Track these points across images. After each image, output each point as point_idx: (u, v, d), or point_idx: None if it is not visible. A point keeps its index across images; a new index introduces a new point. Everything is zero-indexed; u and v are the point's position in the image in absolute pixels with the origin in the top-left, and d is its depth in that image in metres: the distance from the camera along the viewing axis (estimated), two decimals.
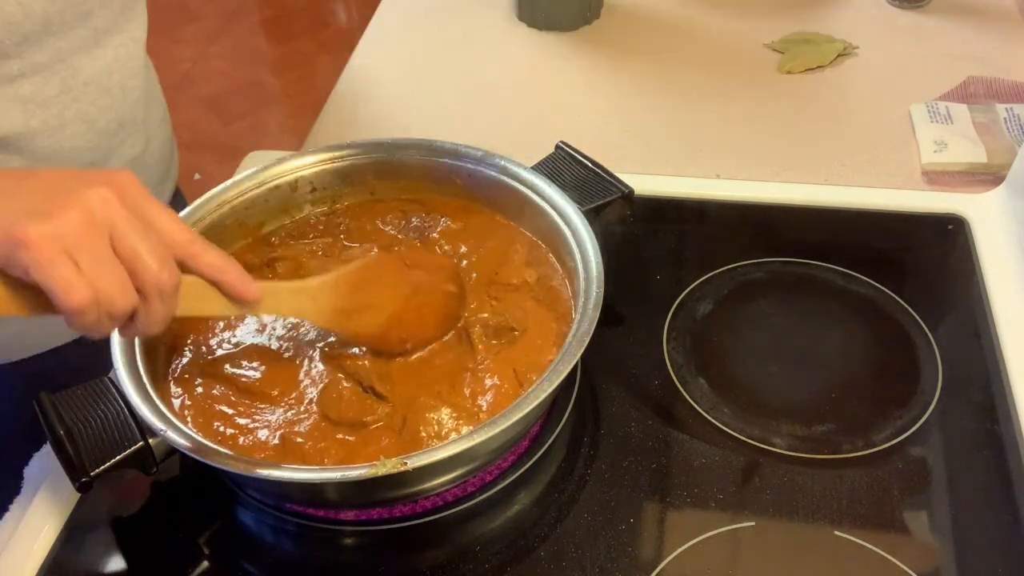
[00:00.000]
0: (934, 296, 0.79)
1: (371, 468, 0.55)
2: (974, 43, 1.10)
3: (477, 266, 0.74)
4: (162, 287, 0.51)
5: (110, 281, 0.49)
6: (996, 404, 0.70)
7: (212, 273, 0.55)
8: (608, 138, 1.00)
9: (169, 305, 0.52)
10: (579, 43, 1.15)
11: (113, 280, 0.49)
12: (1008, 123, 0.95)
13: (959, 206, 0.86)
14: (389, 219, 0.78)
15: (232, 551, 0.65)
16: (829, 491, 0.65)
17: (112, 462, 0.59)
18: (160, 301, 0.51)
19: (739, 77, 1.07)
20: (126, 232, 0.49)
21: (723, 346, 0.76)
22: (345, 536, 0.66)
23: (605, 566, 0.61)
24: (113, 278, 0.49)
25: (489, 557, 0.63)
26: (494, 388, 0.65)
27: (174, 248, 0.52)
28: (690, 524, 0.64)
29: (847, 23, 1.14)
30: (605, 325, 0.63)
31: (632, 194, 0.77)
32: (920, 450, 0.68)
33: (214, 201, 0.74)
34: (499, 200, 0.77)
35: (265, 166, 0.77)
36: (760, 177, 0.93)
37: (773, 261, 0.83)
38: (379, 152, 0.78)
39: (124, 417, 0.61)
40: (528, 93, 1.08)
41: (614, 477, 0.67)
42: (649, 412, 0.71)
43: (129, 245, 0.49)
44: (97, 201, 0.49)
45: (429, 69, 1.13)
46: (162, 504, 0.68)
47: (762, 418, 0.70)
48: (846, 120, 1.00)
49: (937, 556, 0.62)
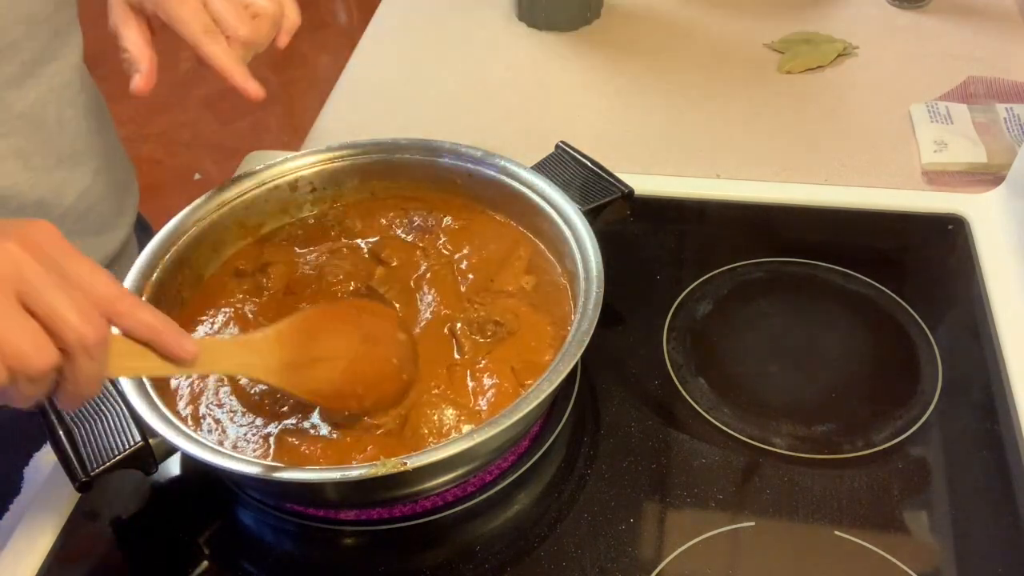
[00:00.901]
0: (934, 296, 0.79)
1: (371, 468, 0.55)
2: (974, 43, 1.10)
3: (475, 269, 0.74)
4: (85, 341, 0.46)
5: (17, 338, 0.44)
6: (996, 404, 0.70)
7: (143, 333, 0.50)
8: (608, 138, 1.00)
9: (99, 362, 0.47)
10: (579, 43, 1.15)
11: (21, 337, 0.44)
12: (1008, 123, 0.95)
13: (959, 206, 0.86)
14: (391, 217, 0.78)
15: (232, 551, 0.65)
16: (829, 491, 0.65)
17: (112, 462, 0.59)
18: (88, 358, 0.47)
19: (739, 77, 1.07)
20: (38, 287, 0.45)
21: (723, 346, 0.76)
22: (345, 536, 0.66)
23: (605, 566, 0.61)
24: (21, 334, 0.44)
25: (489, 557, 0.63)
26: (493, 387, 0.65)
27: (99, 305, 0.48)
28: (690, 524, 0.64)
29: (847, 23, 1.14)
30: (605, 325, 0.63)
31: (632, 194, 0.77)
32: (920, 450, 0.68)
33: (214, 201, 0.74)
34: (499, 200, 0.77)
35: (265, 166, 0.77)
36: (760, 177, 0.93)
37: (773, 261, 0.83)
38: (379, 152, 0.79)
39: (124, 417, 0.61)
40: (528, 93, 1.08)
41: (614, 477, 0.67)
42: (649, 412, 0.71)
43: (43, 300, 0.45)
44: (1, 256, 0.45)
45: (429, 69, 1.13)
46: (162, 504, 0.68)
47: (762, 418, 0.70)
48: (846, 120, 1.00)
49: (937, 556, 0.62)
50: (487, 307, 0.70)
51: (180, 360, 0.52)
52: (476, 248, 0.75)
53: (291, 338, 0.61)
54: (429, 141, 0.78)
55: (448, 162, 0.77)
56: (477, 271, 0.73)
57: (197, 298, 0.73)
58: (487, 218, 0.77)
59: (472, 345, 0.68)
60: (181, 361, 0.52)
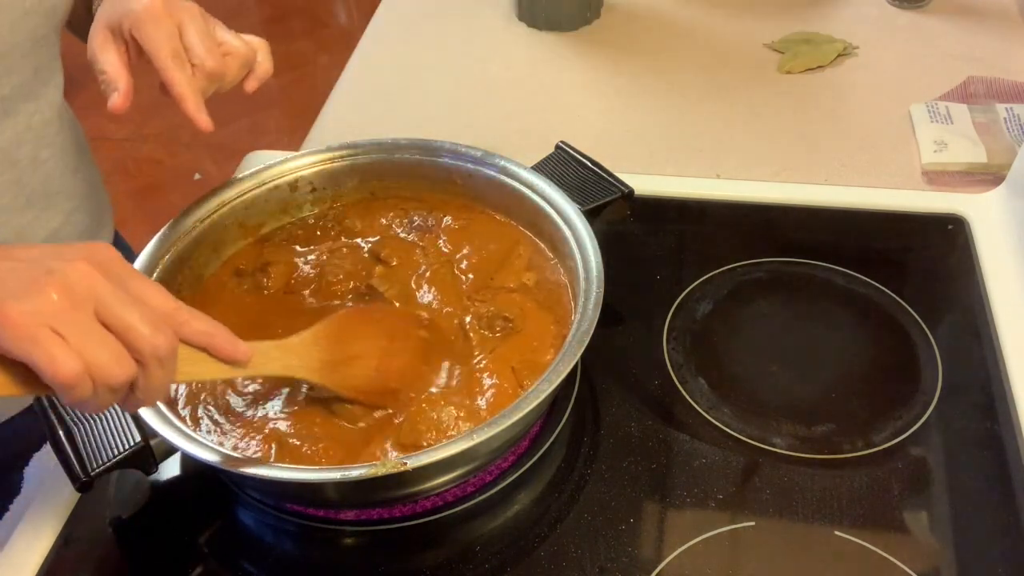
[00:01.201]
0: (934, 296, 0.79)
1: (371, 468, 0.55)
2: (974, 43, 1.10)
3: (476, 268, 0.74)
4: (159, 352, 0.49)
5: (101, 352, 0.47)
6: (996, 404, 0.70)
7: (200, 339, 0.54)
8: (608, 138, 1.00)
9: (168, 370, 0.51)
10: (579, 43, 1.15)
11: (104, 351, 0.48)
12: (1008, 123, 0.95)
13: (959, 206, 0.86)
14: (391, 217, 0.78)
15: (232, 551, 0.65)
16: (829, 491, 0.65)
17: (112, 462, 0.59)
18: (159, 366, 0.50)
19: (739, 77, 1.07)
20: (112, 303, 0.48)
21: (723, 346, 0.76)
22: (345, 536, 0.66)
23: (605, 566, 0.61)
24: (104, 349, 0.48)
25: (489, 557, 0.63)
26: (493, 387, 0.65)
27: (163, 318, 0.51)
28: (690, 524, 0.64)
29: (847, 23, 1.14)
30: (605, 325, 0.63)
31: (632, 194, 0.77)
32: (920, 450, 0.68)
33: (214, 201, 0.74)
34: (499, 200, 0.77)
35: (265, 166, 0.77)
36: (760, 177, 0.93)
37: (773, 261, 0.83)
38: (379, 152, 0.79)
39: (124, 417, 0.61)
40: (528, 93, 1.08)
41: (614, 477, 0.67)
42: (649, 412, 0.71)
43: (118, 315, 0.48)
44: (76, 276, 0.48)
45: (429, 69, 1.13)
46: (162, 504, 0.68)
47: (762, 418, 0.70)
48: (846, 120, 1.00)
49: (937, 556, 0.62)
50: (492, 303, 0.70)
51: (235, 362, 0.55)
52: (476, 248, 0.75)
53: (326, 340, 0.64)
54: (429, 141, 0.78)
55: (448, 162, 0.77)
56: (477, 270, 0.73)
57: (197, 298, 0.73)
58: (487, 218, 0.77)
59: (480, 340, 0.68)
60: (236, 363, 0.56)
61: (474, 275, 0.73)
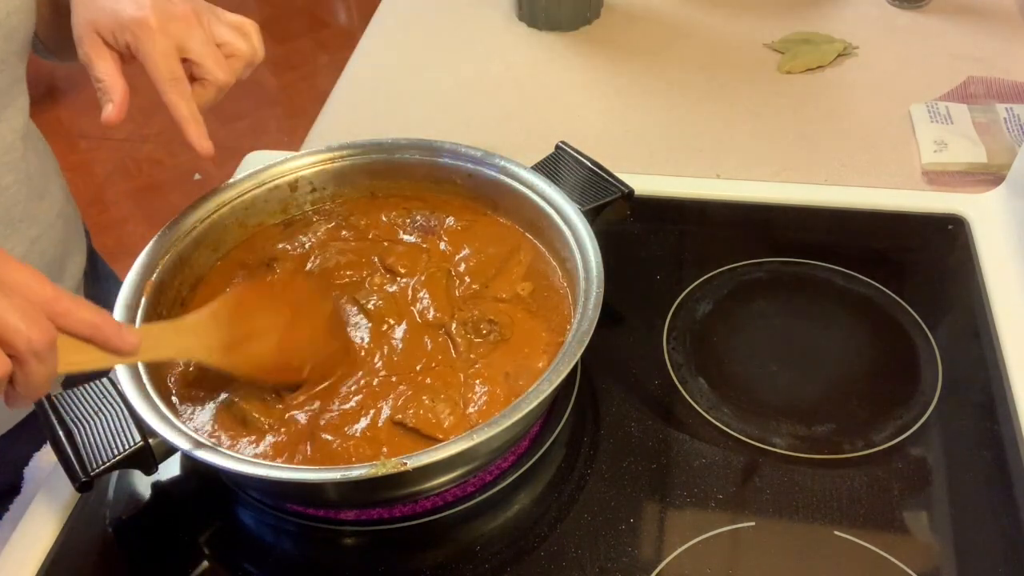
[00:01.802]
0: (934, 296, 0.79)
1: (371, 468, 0.55)
2: (974, 43, 1.10)
3: (472, 272, 0.73)
4: (35, 346, 0.47)
5: None
6: (996, 404, 0.70)
7: (84, 330, 0.51)
8: (608, 138, 1.00)
9: (49, 364, 0.49)
10: (579, 43, 1.15)
11: None
12: (1008, 123, 0.95)
13: (959, 206, 0.86)
14: (392, 216, 0.78)
15: (232, 551, 0.65)
16: (829, 491, 0.65)
17: (112, 462, 0.59)
18: (37, 361, 0.48)
19: (739, 77, 1.07)
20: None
21: (723, 346, 0.76)
22: (345, 536, 0.66)
23: (605, 566, 0.61)
24: None
25: (489, 557, 0.63)
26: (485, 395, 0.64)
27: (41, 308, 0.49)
28: (690, 524, 0.64)
29: (847, 23, 1.14)
30: (605, 325, 0.63)
31: (632, 194, 0.77)
32: (920, 450, 0.68)
33: (214, 201, 0.74)
34: (499, 200, 0.77)
35: (265, 166, 0.77)
36: (760, 177, 0.93)
37: (773, 261, 0.83)
38: (379, 152, 0.78)
39: (124, 417, 0.61)
40: (528, 93, 1.08)
41: (614, 477, 0.67)
42: (649, 412, 0.71)
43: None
44: None
45: (429, 69, 1.13)
46: (162, 504, 0.68)
47: (762, 418, 0.70)
48: (846, 120, 1.00)
49: (937, 556, 0.62)
50: (477, 307, 0.70)
51: (121, 352, 0.53)
52: (475, 251, 0.75)
53: (224, 317, 0.63)
54: (429, 141, 0.78)
55: (448, 162, 0.77)
56: (474, 275, 0.73)
57: (197, 298, 0.73)
58: (489, 220, 0.77)
59: (467, 344, 0.68)
60: (123, 353, 0.53)
61: (470, 279, 0.73)
